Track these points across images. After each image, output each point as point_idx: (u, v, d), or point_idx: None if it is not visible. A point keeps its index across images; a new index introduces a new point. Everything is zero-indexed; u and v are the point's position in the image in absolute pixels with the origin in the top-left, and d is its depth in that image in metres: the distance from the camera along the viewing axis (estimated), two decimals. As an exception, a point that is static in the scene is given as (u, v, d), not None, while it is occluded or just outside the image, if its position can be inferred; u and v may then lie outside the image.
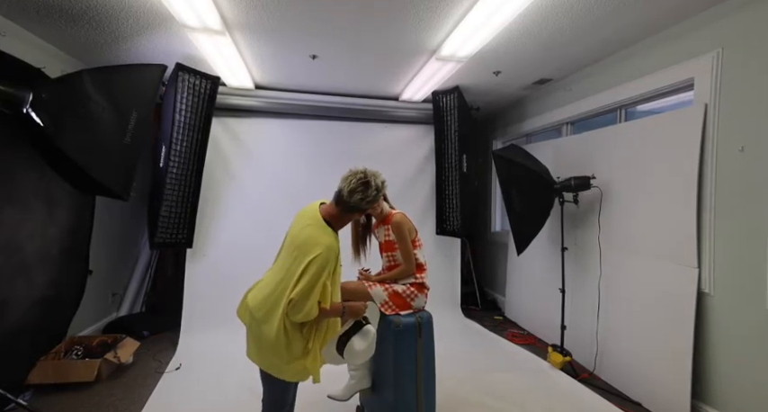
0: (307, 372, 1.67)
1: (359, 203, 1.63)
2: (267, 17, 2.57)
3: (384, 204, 2.22)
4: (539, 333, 3.91)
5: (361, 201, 1.63)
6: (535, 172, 3.22)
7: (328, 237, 1.61)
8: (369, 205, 1.68)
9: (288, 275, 1.58)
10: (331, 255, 1.56)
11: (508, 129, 4.83)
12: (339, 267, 1.70)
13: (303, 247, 1.58)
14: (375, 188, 1.65)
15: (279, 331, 1.58)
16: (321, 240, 1.58)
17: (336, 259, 1.62)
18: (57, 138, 2.14)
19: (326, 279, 1.56)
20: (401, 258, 2.19)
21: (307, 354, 1.65)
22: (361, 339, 1.82)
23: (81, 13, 2.52)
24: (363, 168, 1.70)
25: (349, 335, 1.82)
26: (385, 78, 3.83)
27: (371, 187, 1.64)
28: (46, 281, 2.82)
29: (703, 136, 2.41)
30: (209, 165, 3.76)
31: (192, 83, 3.46)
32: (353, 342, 1.80)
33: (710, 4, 2.37)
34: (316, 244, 1.56)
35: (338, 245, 1.63)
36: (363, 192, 1.62)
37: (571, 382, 2.92)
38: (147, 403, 2.60)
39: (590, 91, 3.42)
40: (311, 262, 1.52)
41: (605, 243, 3.07)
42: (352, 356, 1.81)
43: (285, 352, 1.61)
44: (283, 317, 1.57)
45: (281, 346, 1.60)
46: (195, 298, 3.81)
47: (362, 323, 1.86)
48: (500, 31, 2.65)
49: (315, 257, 1.52)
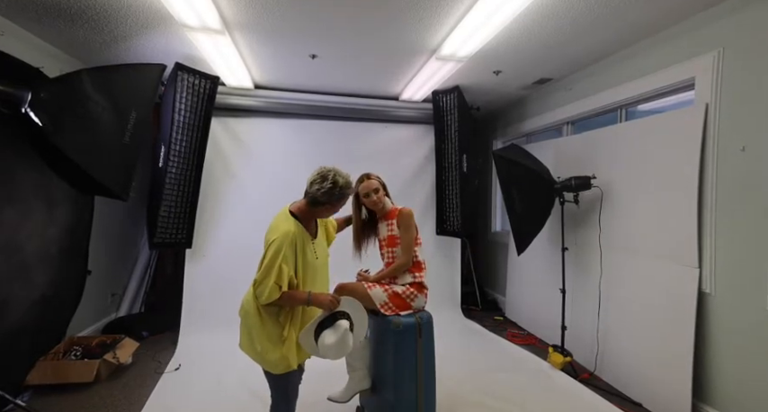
0: (286, 361, 1.76)
1: (315, 194, 1.75)
2: (267, 16, 2.57)
3: (386, 200, 2.23)
4: (539, 333, 3.91)
5: (317, 192, 1.74)
6: (535, 172, 3.21)
7: (287, 224, 1.75)
8: (324, 198, 1.75)
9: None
10: (286, 239, 1.69)
11: (508, 129, 4.83)
12: (310, 255, 1.82)
13: (266, 237, 1.76)
14: (332, 182, 1.74)
15: (254, 313, 1.76)
16: (280, 227, 1.73)
17: (296, 245, 1.74)
18: (56, 138, 2.13)
19: (282, 262, 1.67)
20: (401, 252, 2.19)
21: (283, 343, 1.76)
22: (332, 333, 1.78)
23: (80, 12, 2.52)
24: (332, 166, 1.82)
25: (323, 326, 1.81)
26: (385, 78, 3.82)
27: (327, 180, 1.74)
28: (45, 281, 2.81)
29: (704, 136, 2.40)
30: (208, 164, 3.75)
31: (192, 82, 3.45)
32: (324, 335, 1.78)
33: (711, 4, 2.36)
34: (274, 230, 1.73)
35: (298, 231, 1.76)
36: (320, 183, 1.75)
37: (571, 383, 2.91)
38: (146, 403, 2.59)
39: (590, 90, 3.42)
40: (269, 246, 1.69)
41: (606, 243, 3.06)
42: (322, 349, 1.78)
43: (263, 336, 1.75)
44: (255, 299, 1.74)
45: (257, 329, 1.76)
46: (194, 298, 3.81)
47: (337, 317, 1.83)
48: (500, 30, 2.64)
49: (272, 242, 1.68)
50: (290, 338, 1.77)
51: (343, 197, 1.82)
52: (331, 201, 1.77)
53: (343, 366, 2.29)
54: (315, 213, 1.85)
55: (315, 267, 1.85)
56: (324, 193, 1.74)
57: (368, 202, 2.23)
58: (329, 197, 1.75)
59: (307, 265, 1.80)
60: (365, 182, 2.22)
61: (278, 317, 1.78)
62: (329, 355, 1.79)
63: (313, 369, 2.44)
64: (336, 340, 1.77)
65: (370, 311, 2.19)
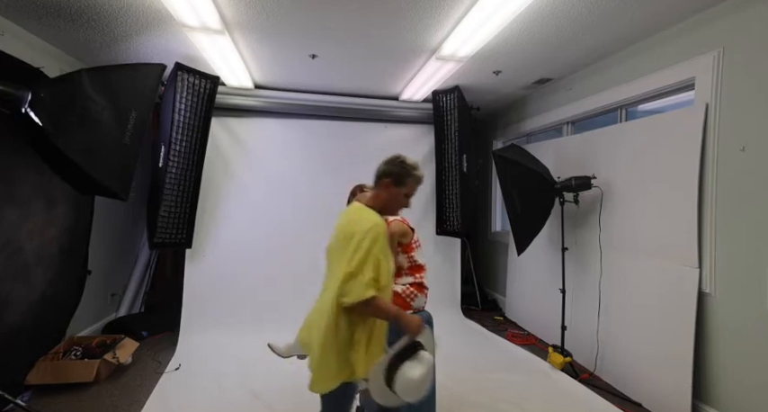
0: (350, 368, 1.47)
1: (391, 169, 1.61)
2: (267, 16, 2.57)
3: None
4: (539, 333, 3.91)
5: (392, 167, 1.61)
6: (536, 172, 3.21)
7: (373, 215, 1.54)
8: (403, 170, 1.62)
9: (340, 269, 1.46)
10: (381, 229, 1.47)
11: (508, 129, 4.82)
12: (391, 257, 1.57)
13: (350, 228, 1.51)
14: (400, 160, 1.63)
15: (331, 311, 1.45)
16: (369, 217, 1.51)
17: (386, 240, 1.50)
18: (55, 138, 2.13)
19: (380, 254, 1.43)
20: (398, 261, 2.19)
21: (352, 346, 1.48)
22: (418, 365, 1.40)
23: (79, 12, 2.52)
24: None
25: (402, 358, 1.43)
26: (385, 78, 3.82)
27: (397, 159, 1.63)
28: (45, 281, 2.81)
29: (704, 136, 2.40)
30: (208, 165, 3.75)
31: (192, 82, 3.45)
32: (407, 367, 1.39)
33: (711, 4, 2.36)
34: (364, 220, 1.50)
35: (385, 226, 1.54)
36: (390, 163, 1.63)
37: (572, 383, 2.91)
38: (146, 404, 2.59)
39: (590, 90, 3.41)
40: (366, 234, 1.43)
41: (606, 243, 3.06)
42: (405, 387, 1.39)
43: (333, 335, 1.45)
44: (335, 299, 1.44)
45: (331, 326, 1.45)
46: (195, 298, 3.81)
47: (417, 347, 1.46)
48: (500, 30, 2.64)
49: (368, 230, 1.44)
50: (359, 341, 1.49)
51: (415, 178, 1.65)
52: (410, 173, 1.61)
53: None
54: (396, 199, 1.63)
55: (389, 270, 1.58)
56: (397, 166, 1.60)
57: None
58: (404, 170, 1.60)
59: (389, 269, 1.52)
60: (357, 194, 2.21)
61: (350, 317, 1.47)
62: (410, 395, 1.41)
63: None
64: (424, 374, 1.40)
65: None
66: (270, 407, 2.57)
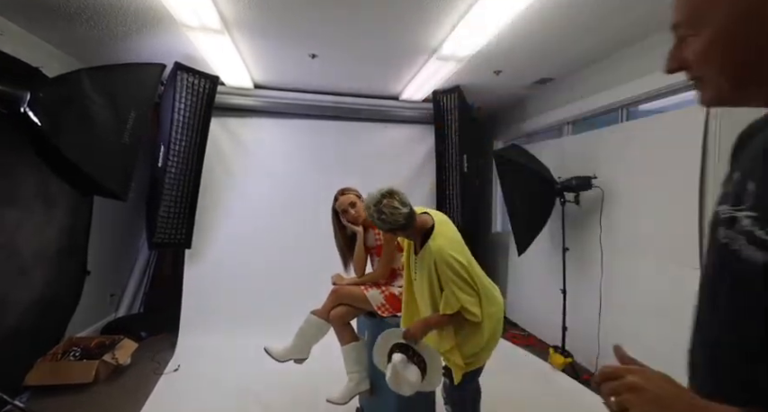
0: (458, 365, 1.80)
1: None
2: (266, 16, 2.56)
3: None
4: (540, 334, 3.90)
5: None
6: (536, 172, 3.21)
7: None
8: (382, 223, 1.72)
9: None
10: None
11: (509, 129, 4.81)
12: (411, 271, 1.85)
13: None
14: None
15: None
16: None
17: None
18: (54, 138, 2.12)
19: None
20: (379, 263, 2.19)
21: (452, 349, 1.78)
22: (414, 371, 1.66)
23: (78, 11, 2.50)
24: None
25: (403, 351, 1.67)
26: (385, 78, 3.81)
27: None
28: (44, 281, 2.80)
29: (705, 135, 2.39)
30: (208, 164, 3.74)
31: (191, 82, 3.44)
32: (411, 369, 1.64)
33: (713, 3, 2.35)
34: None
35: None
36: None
37: (572, 384, 2.90)
38: (145, 404, 2.58)
39: (591, 90, 3.40)
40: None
41: (607, 243, 3.05)
42: (390, 373, 1.63)
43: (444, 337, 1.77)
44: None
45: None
46: (194, 298, 3.79)
47: (408, 350, 1.68)
48: (501, 30, 2.63)
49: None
50: (453, 346, 1.81)
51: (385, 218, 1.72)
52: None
53: (343, 367, 2.28)
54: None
55: (412, 286, 1.86)
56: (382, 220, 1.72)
57: (348, 218, 2.22)
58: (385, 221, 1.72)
59: (409, 281, 1.83)
60: (339, 198, 2.21)
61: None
62: (405, 389, 1.65)
63: (312, 369, 2.43)
64: (392, 370, 1.63)
65: (367, 313, 2.18)
66: (268, 407, 2.56)
